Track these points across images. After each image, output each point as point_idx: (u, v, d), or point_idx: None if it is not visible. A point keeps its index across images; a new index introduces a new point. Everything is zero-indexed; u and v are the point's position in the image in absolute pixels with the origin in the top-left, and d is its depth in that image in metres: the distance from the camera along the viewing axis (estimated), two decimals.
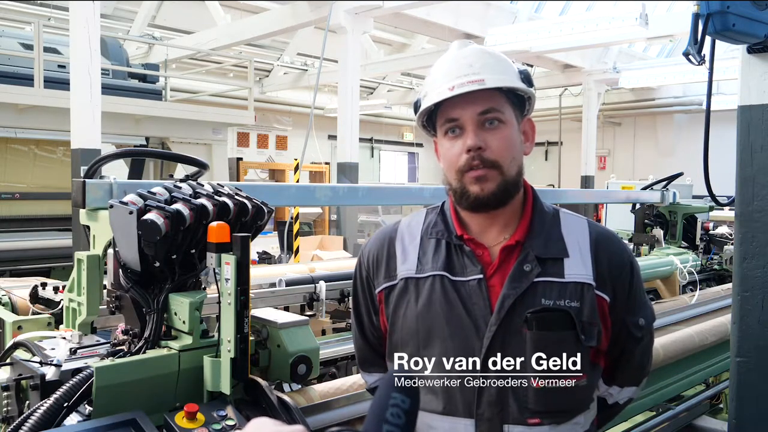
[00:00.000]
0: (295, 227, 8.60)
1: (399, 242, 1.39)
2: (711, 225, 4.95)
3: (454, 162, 1.29)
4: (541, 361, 1.25)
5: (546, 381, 1.25)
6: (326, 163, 11.08)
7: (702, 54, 1.88)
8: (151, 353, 1.47)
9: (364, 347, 1.49)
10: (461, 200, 1.31)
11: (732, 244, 4.46)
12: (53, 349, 1.61)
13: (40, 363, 1.52)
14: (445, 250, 1.33)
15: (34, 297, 2.18)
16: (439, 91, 1.29)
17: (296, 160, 8.79)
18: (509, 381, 1.25)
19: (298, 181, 8.68)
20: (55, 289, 2.14)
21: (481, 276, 1.29)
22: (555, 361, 1.25)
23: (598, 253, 1.32)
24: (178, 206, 1.48)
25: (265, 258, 8.74)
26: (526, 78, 1.33)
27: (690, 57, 1.89)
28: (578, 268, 1.29)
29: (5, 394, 1.55)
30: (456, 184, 1.31)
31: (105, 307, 1.67)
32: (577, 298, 1.27)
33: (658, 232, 4.58)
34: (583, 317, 1.26)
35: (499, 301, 1.26)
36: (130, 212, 1.47)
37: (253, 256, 6.14)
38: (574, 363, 1.27)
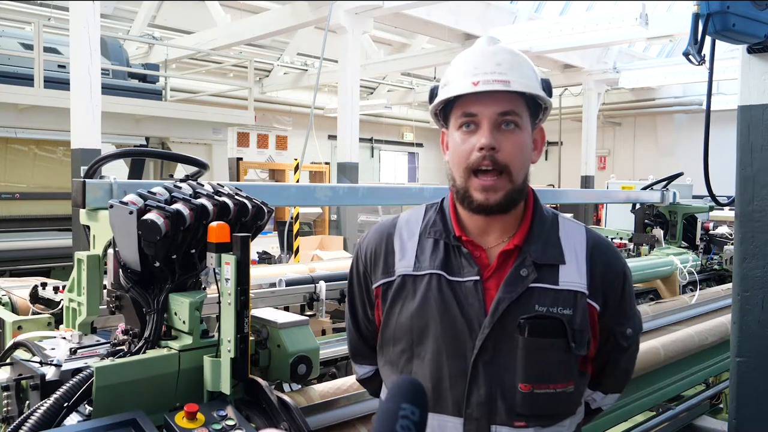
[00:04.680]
0: (295, 227, 8.60)
1: (397, 238, 1.39)
2: (711, 225, 4.95)
3: (463, 158, 1.28)
4: (530, 367, 1.25)
5: (534, 386, 1.25)
6: (326, 163, 11.07)
7: (702, 54, 1.87)
8: (151, 353, 1.47)
9: (357, 339, 1.50)
10: (463, 202, 1.31)
11: (732, 244, 4.46)
12: (53, 349, 1.61)
13: (40, 363, 1.52)
14: (443, 250, 1.33)
15: (34, 297, 2.18)
16: (463, 83, 1.27)
17: (296, 160, 8.79)
18: (498, 383, 1.26)
19: (298, 181, 8.68)
20: (55, 289, 2.14)
21: (477, 278, 1.28)
22: (544, 367, 1.26)
23: (594, 261, 1.32)
24: (178, 206, 1.48)
25: (265, 258, 8.74)
26: (547, 87, 1.33)
27: (690, 57, 1.89)
28: (573, 275, 1.29)
29: (5, 394, 1.55)
30: (461, 182, 1.30)
31: (105, 307, 1.67)
32: (569, 306, 1.27)
33: (658, 232, 4.58)
34: (575, 325, 1.26)
35: (494, 305, 1.26)
36: (130, 212, 1.46)
37: (253, 256, 6.14)
38: (563, 370, 1.27)
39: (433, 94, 1.37)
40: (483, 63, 1.27)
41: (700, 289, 4.09)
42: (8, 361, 1.61)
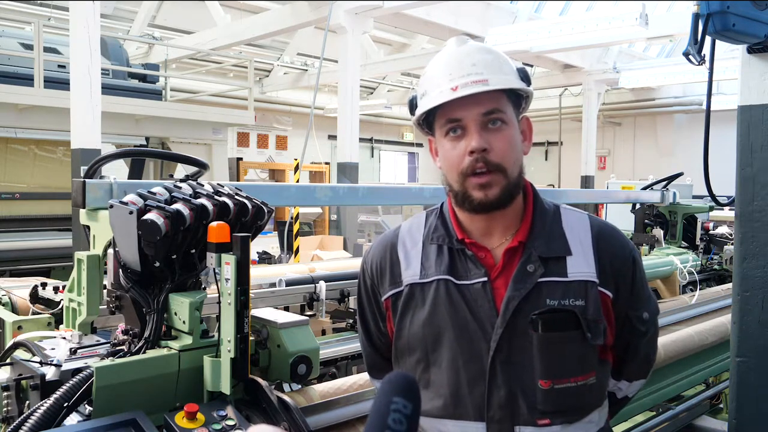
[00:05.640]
0: (295, 227, 8.60)
1: (401, 247, 1.39)
2: (711, 225, 4.95)
3: (456, 164, 1.28)
4: (548, 362, 1.24)
5: (554, 381, 1.24)
6: (326, 163, 11.07)
7: (702, 54, 1.87)
8: (151, 353, 1.47)
9: (373, 353, 1.49)
10: (463, 203, 1.30)
11: (732, 244, 4.46)
12: (53, 349, 1.60)
13: (40, 363, 1.52)
14: (448, 254, 1.33)
15: (34, 297, 2.18)
16: (441, 90, 1.26)
17: (296, 160, 8.78)
18: (518, 382, 1.25)
19: (298, 181, 8.68)
20: (55, 289, 2.14)
21: (485, 279, 1.28)
22: (562, 361, 1.25)
23: (600, 248, 1.31)
24: (178, 206, 1.48)
25: (265, 258, 8.74)
26: (525, 76, 1.32)
27: (690, 57, 1.89)
28: (581, 265, 1.29)
29: (5, 394, 1.54)
30: (458, 187, 1.29)
31: (105, 307, 1.67)
32: (581, 297, 1.26)
33: (658, 232, 4.57)
34: (588, 315, 1.26)
35: (504, 303, 1.25)
36: (130, 212, 1.46)
37: (253, 256, 6.14)
38: (582, 362, 1.27)
39: (412, 104, 1.36)
40: (458, 66, 1.27)
41: (700, 289, 4.09)
42: (8, 361, 1.61)
